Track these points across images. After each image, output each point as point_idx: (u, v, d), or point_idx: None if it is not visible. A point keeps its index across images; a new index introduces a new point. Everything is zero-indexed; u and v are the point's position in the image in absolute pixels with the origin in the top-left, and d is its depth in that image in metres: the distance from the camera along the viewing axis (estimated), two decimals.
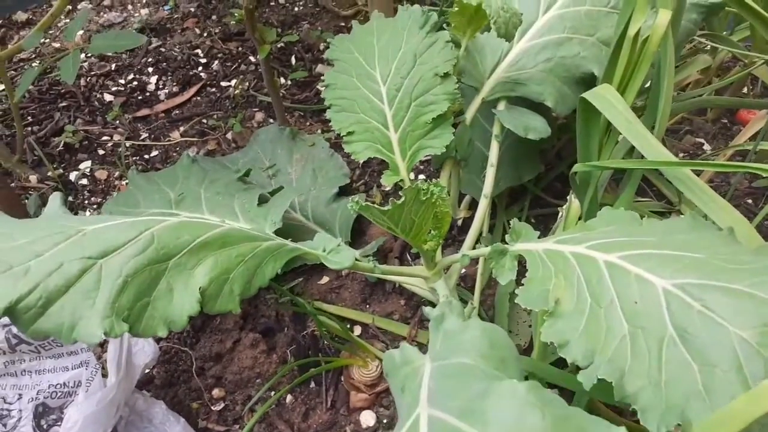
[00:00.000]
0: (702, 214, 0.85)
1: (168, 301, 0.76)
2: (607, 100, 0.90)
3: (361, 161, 1.05)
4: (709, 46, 1.55)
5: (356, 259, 0.92)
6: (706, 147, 1.64)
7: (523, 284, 0.79)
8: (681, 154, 1.63)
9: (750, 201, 1.49)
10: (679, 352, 0.65)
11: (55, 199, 0.89)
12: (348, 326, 1.24)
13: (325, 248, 0.93)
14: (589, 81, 1.12)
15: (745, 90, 1.76)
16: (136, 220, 0.79)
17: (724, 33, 1.57)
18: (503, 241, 0.89)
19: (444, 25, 1.13)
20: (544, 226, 1.44)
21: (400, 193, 0.82)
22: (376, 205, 0.81)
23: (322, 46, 1.99)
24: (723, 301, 0.66)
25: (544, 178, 1.47)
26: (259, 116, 1.78)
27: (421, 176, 1.59)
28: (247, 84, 1.87)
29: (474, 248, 1.20)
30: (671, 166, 0.82)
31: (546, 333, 0.72)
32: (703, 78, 1.67)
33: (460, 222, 1.38)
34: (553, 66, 1.10)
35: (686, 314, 0.67)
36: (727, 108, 1.69)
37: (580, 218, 1.06)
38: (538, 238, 0.93)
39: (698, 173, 1.53)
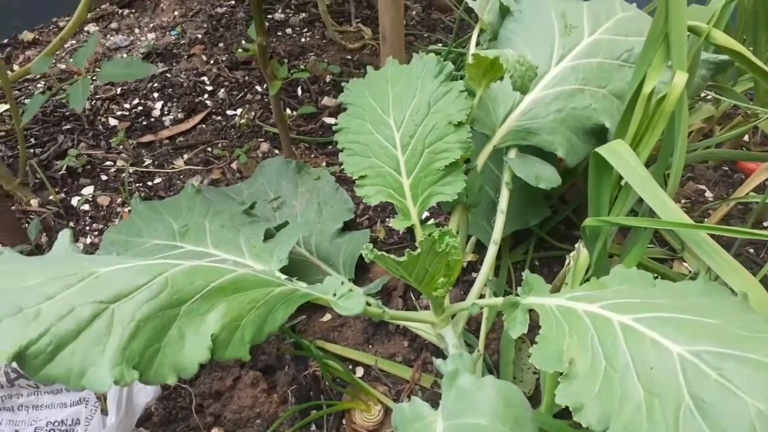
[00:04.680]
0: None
1: (179, 348, 0.74)
2: (621, 156, 0.91)
3: (373, 204, 1.05)
4: (712, 96, 1.58)
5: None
6: (708, 194, 1.66)
7: (536, 342, 0.79)
8: (683, 200, 1.64)
9: (752, 250, 1.50)
10: (696, 422, 0.64)
11: (64, 235, 0.87)
12: (350, 367, 1.23)
13: (336, 293, 0.92)
14: (599, 132, 1.13)
15: (746, 138, 1.78)
16: (150, 264, 0.78)
17: (728, 84, 1.60)
18: (509, 288, 0.89)
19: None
20: (549, 269, 1.45)
21: (416, 244, 0.82)
22: (391, 256, 0.80)
23: (328, 78, 2.00)
24: (739, 371, 0.66)
25: (548, 222, 1.48)
26: (264, 147, 1.78)
27: (426, 214, 1.59)
28: (253, 114, 1.88)
29: (481, 293, 1.20)
30: (686, 228, 0.83)
31: (561, 395, 0.71)
32: (706, 126, 1.69)
33: (465, 264, 1.38)
34: (565, 116, 1.12)
35: (703, 383, 0.67)
36: None
37: (588, 268, 1.06)
38: (545, 282, 0.93)
39: (707, 214, 1.55)
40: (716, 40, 0.91)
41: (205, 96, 1.95)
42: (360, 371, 1.23)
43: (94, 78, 1.73)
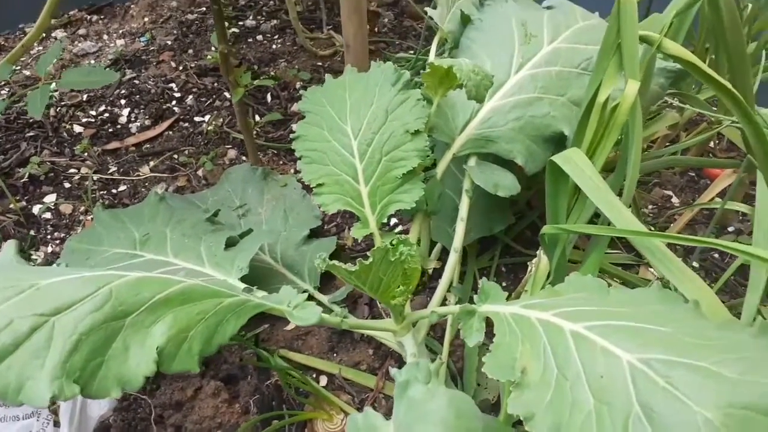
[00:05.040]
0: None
1: (123, 360, 0.73)
2: (576, 164, 0.91)
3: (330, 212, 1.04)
4: (676, 103, 1.59)
5: (324, 310, 0.90)
6: (675, 200, 1.67)
7: (490, 349, 0.78)
8: (650, 206, 1.65)
9: (717, 255, 1.51)
10: (644, 430, 0.64)
11: (9, 247, 0.85)
12: (314, 376, 1.22)
13: (290, 303, 0.91)
14: (558, 140, 1.13)
15: (711, 144, 1.80)
16: (94, 275, 0.76)
17: (692, 91, 1.61)
18: (472, 296, 0.89)
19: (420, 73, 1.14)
20: (514, 275, 1.45)
21: (368, 253, 0.81)
22: (344, 266, 0.79)
23: (298, 85, 1.99)
24: (688, 379, 0.66)
25: (514, 227, 1.48)
26: (232, 153, 1.76)
27: (394, 220, 1.58)
28: (221, 120, 1.86)
29: (444, 300, 1.19)
30: (639, 236, 0.83)
31: (512, 405, 0.71)
32: (671, 133, 1.71)
33: (431, 270, 1.38)
34: (524, 125, 1.12)
35: (651, 391, 0.66)
36: None
37: (549, 275, 1.06)
38: (508, 288, 0.92)
39: (672, 219, 1.56)
40: (668, 50, 0.92)
41: (173, 102, 1.93)
42: (324, 380, 1.21)
43: (58, 85, 1.70)
